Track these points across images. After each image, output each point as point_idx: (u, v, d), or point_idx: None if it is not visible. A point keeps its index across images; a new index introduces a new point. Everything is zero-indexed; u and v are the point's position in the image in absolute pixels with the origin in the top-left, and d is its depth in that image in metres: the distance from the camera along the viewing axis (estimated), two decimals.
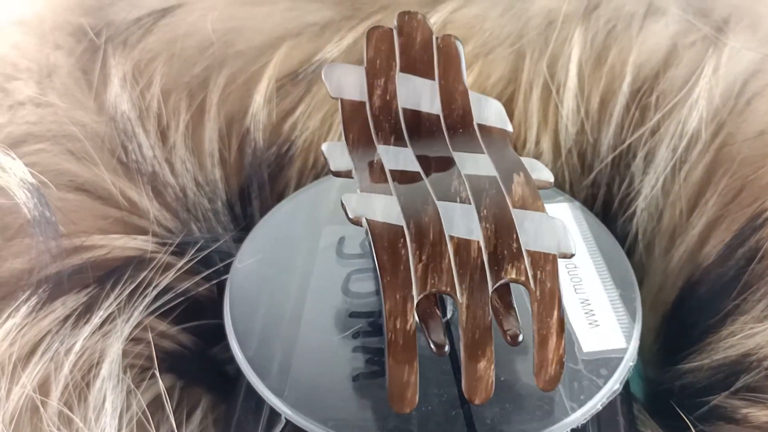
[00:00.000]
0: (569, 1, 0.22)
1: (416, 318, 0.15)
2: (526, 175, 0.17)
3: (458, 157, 0.17)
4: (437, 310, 0.16)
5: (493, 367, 0.15)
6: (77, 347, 0.19)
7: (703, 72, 0.21)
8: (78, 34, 0.22)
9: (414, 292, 0.15)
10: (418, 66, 0.18)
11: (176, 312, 0.20)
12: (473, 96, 0.18)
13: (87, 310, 0.19)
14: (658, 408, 0.21)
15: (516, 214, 0.16)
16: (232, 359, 0.22)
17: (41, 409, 0.18)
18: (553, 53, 0.22)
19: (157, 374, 0.18)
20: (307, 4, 0.23)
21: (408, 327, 0.15)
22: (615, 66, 0.22)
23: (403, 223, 0.16)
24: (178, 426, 0.19)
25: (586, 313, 0.19)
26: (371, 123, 0.18)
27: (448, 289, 0.15)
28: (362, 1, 0.23)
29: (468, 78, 0.23)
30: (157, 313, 0.20)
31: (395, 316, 0.15)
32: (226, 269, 0.21)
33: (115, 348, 0.19)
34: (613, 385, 0.17)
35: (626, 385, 0.19)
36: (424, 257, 0.15)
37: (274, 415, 0.18)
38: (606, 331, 0.18)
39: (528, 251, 0.15)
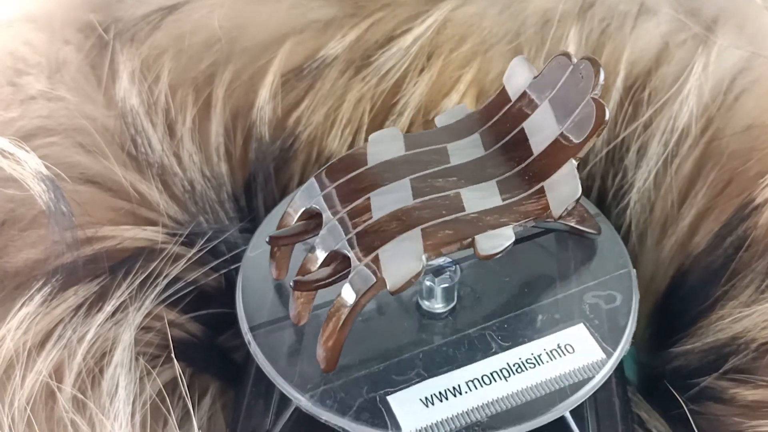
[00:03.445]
0: (565, 1, 0.23)
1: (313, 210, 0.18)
2: (471, 232, 0.17)
3: (487, 184, 0.18)
4: (312, 233, 0.18)
5: (308, 303, 0.18)
6: (90, 335, 0.19)
7: (693, 69, 0.22)
8: (86, 30, 0.23)
9: (315, 199, 0.18)
10: (562, 106, 0.18)
11: (185, 301, 0.21)
12: (568, 167, 0.18)
13: (99, 299, 0.19)
14: (650, 390, 0.22)
15: (412, 233, 0.17)
16: (239, 347, 0.22)
17: (57, 394, 0.18)
18: (550, 51, 0.23)
19: (173, 357, 0.19)
20: (310, 1, 0.23)
21: (290, 217, 0.18)
22: (609, 63, 0.23)
23: (369, 166, 0.18)
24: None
25: (442, 392, 0.17)
26: (495, 118, 0.19)
27: (323, 218, 0.18)
28: None
29: (467, 74, 0.24)
30: (167, 302, 0.20)
31: (292, 202, 0.19)
32: (234, 260, 0.22)
33: (127, 336, 0.19)
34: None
35: (621, 369, 0.20)
36: (342, 192, 0.18)
37: (284, 399, 0.18)
38: (420, 411, 0.17)
39: (376, 256, 0.17)
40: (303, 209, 0.18)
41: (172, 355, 0.19)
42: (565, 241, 0.20)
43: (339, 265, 0.17)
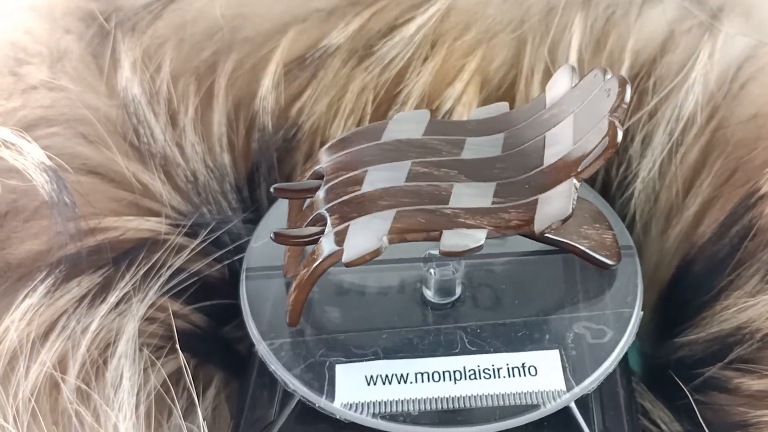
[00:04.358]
0: None
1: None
2: (442, 225, 0.17)
3: (486, 184, 0.18)
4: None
5: (294, 257, 0.19)
6: (94, 326, 0.19)
7: (699, 57, 0.22)
8: (88, 19, 0.22)
9: (323, 162, 0.19)
10: (583, 122, 0.18)
11: (189, 292, 0.21)
12: (566, 186, 0.17)
13: (103, 290, 0.19)
14: (655, 380, 0.22)
15: (386, 213, 0.17)
16: (243, 338, 0.22)
17: (61, 385, 0.18)
18: (554, 39, 0.23)
19: (178, 347, 0.19)
20: None
21: (303, 175, 0.20)
22: (614, 51, 0.23)
23: (381, 141, 0.19)
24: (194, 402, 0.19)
25: (388, 375, 0.17)
26: (525, 123, 0.19)
27: (322, 182, 0.19)
28: None
29: (470, 63, 0.23)
30: (170, 293, 0.20)
31: (309, 161, 0.20)
32: (237, 251, 0.22)
33: (130, 327, 0.19)
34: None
35: (625, 360, 0.20)
36: (347, 159, 0.19)
37: (288, 391, 0.18)
38: (360, 387, 0.17)
39: (347, 227, 0.17)
40: (313, 170, 0.19)
41: (177, 345, 0.19)
42: (581, 265, 0.19)
43: (323, 227, 0.18)
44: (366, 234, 0.17)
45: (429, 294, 0.19)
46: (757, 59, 0.22)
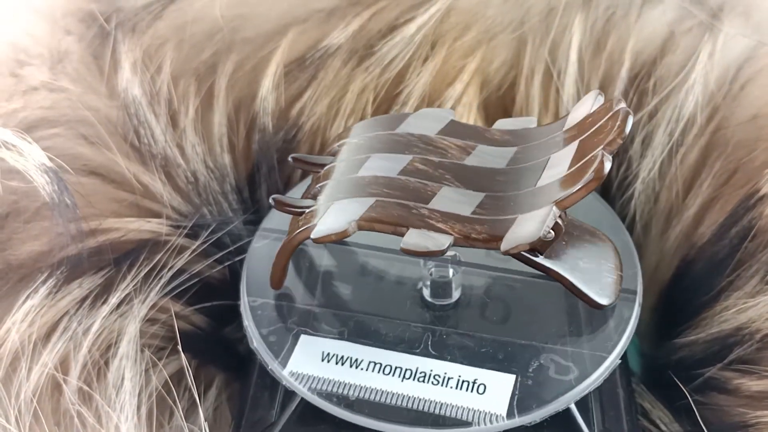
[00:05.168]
0: None
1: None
2: (412, 223, 0.17)
3: (475, 193, 0.18)
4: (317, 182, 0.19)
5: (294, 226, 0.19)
6: (95, 327, 0.19)
7: (699, 58, 0.22)
8: (88, 20, 0.22)
9: (340, 142, 0.20)
10: (582, 150, 0.17)
11: (190, 293, 0.21)
12: (545, 212, 0.16)
13: (104, 291, 0.20)
14: (654, 381, 0.22)
15: (366, 199, 0.18)
16: (244, 339, 0.22)
17: (63, 386, 0.18)
18: (554, 40, 0.23)
19: (180, 348, 0.19)
20: None
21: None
22: (614, 52, 0.23)
23: (393, 132, 0.20)
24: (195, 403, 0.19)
25: (344, 357, 0.18)
26: (538, 141, 0.19)
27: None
28: None
29: (471, 64, 0.23)
30: (171, 294, 0.20)
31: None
32: (238, 252, 0.22)
33: (132, 328, 0.19)
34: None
35: (625, 360, 0.20)
36: (358, 144, 0.20)
37: (289, 392, 0.18)
38: (314, 361, 0.18)
39: (331, 204, 0.18)
40: (330, 147, 0.20)
41: (179, 346, 0.19)
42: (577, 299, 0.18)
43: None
44: (340, 215, 0.17)
45: (426, 293, 0.19)
46: (757, 60, 0.22)
